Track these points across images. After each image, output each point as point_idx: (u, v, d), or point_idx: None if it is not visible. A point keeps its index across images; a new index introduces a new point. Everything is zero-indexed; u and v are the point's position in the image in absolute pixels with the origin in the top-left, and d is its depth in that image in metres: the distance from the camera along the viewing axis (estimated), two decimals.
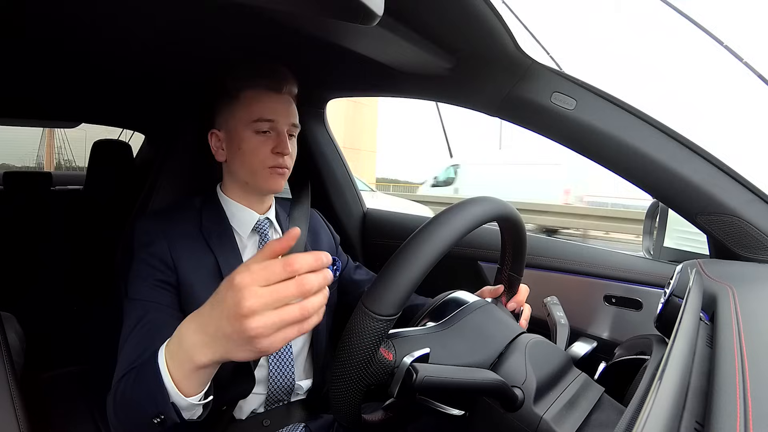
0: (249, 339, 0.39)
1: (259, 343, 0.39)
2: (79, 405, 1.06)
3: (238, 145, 0.72)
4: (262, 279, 0.39)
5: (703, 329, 0.46)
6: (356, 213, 1.38)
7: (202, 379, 0.48)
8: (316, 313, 0.40)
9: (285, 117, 0.73)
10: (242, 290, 0.38)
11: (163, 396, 0.48)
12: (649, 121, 0.74)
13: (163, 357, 0.49)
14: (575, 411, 0.47)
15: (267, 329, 0.38)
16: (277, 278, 0.39)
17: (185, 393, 0.48)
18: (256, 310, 0.38)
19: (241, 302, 0.38)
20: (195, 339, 0.44)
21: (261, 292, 0.38)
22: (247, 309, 0.38)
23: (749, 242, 0.70)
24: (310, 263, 0.39)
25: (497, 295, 0.66)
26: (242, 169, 0.74)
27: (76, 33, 0.80)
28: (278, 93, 0.72)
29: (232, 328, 0.40)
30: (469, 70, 0.83)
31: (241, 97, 0.72)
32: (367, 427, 0.48)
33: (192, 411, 0.51)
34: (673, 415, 0.28)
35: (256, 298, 0.38)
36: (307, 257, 0.39)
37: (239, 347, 0.41)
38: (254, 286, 0.38)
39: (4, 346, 0.57)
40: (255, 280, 0.39)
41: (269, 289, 0.38)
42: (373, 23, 0.38)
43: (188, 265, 0.69)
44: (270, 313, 0.38)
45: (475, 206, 0.47)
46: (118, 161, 1.86)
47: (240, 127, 0.72)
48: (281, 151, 0.72)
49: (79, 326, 1.58)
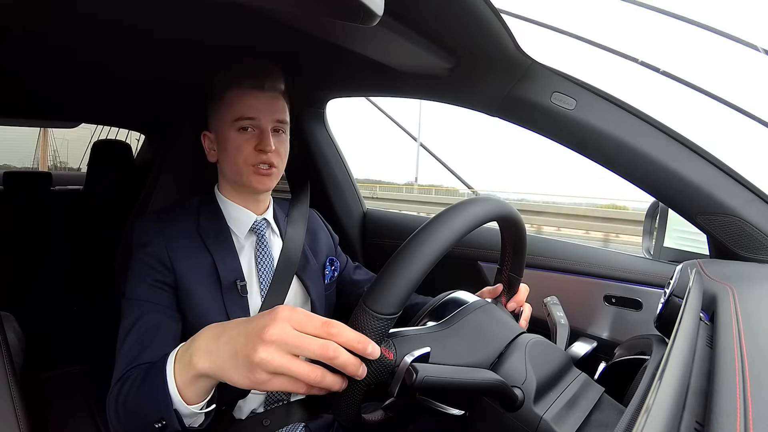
0: (250, 364, 0.39)
1: (257, 374, 0.39)
2: (79, 405, 1.06)
3: (225, 146, 0.73)
4: (299, 323, 0.39)
5: (703, 329, 0.46)
6: (356, 213, 1.38)
7: (203, 388, 0.48)
8: (323, 386, 0.39)
9: (268, 114, 0.72)
10: (276, 320, 0.39)
11: (166, 402, 0.48)
12: (649, 121, 0.74)
13: (173, 361, 0.49)
14: (575, 411, 0.47)
15: (270, 366, 0.38)
16: (311, 331, 0.39)
17: (188, 401, 0.48)
18: (274, 342, 0.38)
19: (268, 327, 0.38)
20: (204, 343, 0.45)
21: (288, 331, 0.38)
22: (268, 336, 0.38)
23: (749, 242, 0.70)
24: (349, 337, 0.38)
25: (497, 295, 0.66)
26: (230, 169, 0.74)
27: (76, 33, 0.80)
28: (260, 90, 0.72)
29: (244, 345, 0.40)
30: (469, 70, 0.83)
31: (225, 97, 0.72)
32: (367, 426, 0.48)
33: (194, 419, 0.51)
34: (673, 415, 0.28)
35: (280, 333, 0.38)
36: (350, 332, 0.39)
37: (238, 367, 0.40)
38: (288, 323, 0.39)
39: (4, 346, 0.57)
40: (293, 319, 0.39)
41: (297, 333, 0.39)
42: (373, 23, 0.38)
43: (185, 265, 0.69)
44: (282, 354, 0.38)
45: (475, 206, 0.47)
46: (118, 161, 1.87)
47: (225, 127, 0.72)
48: (263, 149, 0.71)
49: (79, 326, 1.58)
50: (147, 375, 0.53)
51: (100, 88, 1.26)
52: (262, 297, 0.75)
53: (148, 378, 0.52)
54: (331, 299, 0.88)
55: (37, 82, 1.16)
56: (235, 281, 0.72)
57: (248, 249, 0.77)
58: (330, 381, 0.39)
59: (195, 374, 0.45)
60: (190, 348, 0.46)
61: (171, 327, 0.66)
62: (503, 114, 0.85)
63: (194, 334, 0.49)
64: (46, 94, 1.33)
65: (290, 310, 0.40)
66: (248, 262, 0.76)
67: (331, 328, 0.38)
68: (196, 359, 0.44)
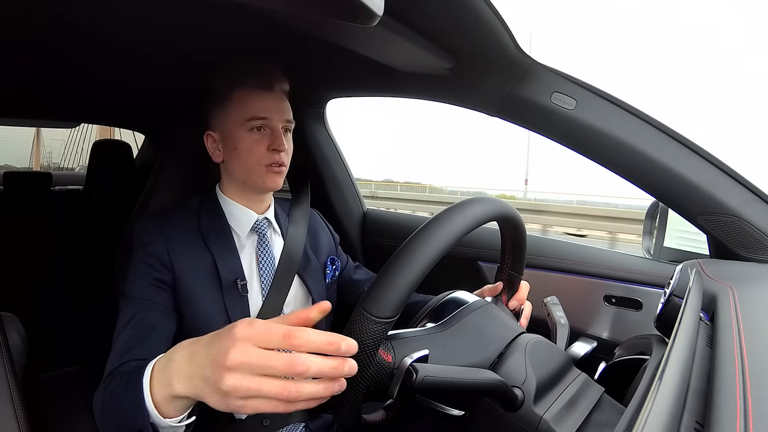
0: (221, 392, 0.37)
1: (231, 401, 0.37)
2: (79, 405, 1.06)
3: (234, 146, 0.72)
4: (259, 339, 0.36)
5: (703, 329, 0.46)
6: (356, 213, 1.38)
7: (182, 406, 0.45)
8: (303, 400, 0.36)
9: (278, 114, 0.73)
10: (235, 342, 0.36)
11: (143, 413, 0.46)
12: (649, 121, 0.74)
13: (149, 374, 0.46)
14: (575, 411, 0.47)
15: (240, 391, 0.36)
16: (274, 345, 0.36)
17: (165, 415, 0.45)
18: (236, 368, 0.36)
19: (227, 353, 0.36)
20: (179, 367, 0.42)
21: (250, 352, 0.36)
22: (230, 362, 0.35)
23: (749, 242, 0.70)
24: (317, 343, 0.35)
25: (497, 293, 0.66)
26: (239, 168, 0.74)
27: (76, 33, 0.80)
28: (269, 91, 0.73)
29: (211, 374, 0.37)
30: (469, 70, 0.83)
31: (233, 97, 0.72)
32: (367, 427, 0.48)
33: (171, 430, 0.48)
34: (673, 415, 0.28)
35: (241, 355, 0.35)
36: (316, 336, 0.36)
37: (212, 394, 0.38)
38: (248, 343, 0.36)
39: (4, 346, 0.57)
40: (252, 337, 0.36)
41: (260, 352, 0.36)
42: (373, 23, 0.38)
43: (186, 265, 0.69)
44: (250, 377, 0.35)
45: (475, 206, 0.47)
46: (118, 161, 1.86)
47: (234, 127, 0.72)
48: (277, 148, 0.72)
49: (79, 326, 1.58)
50: (128, 382, 0.50)
51: (100, 88, 1.26)
52: (263, 296, 0.75)
53: (129, 385, 0.50)
54: (332, 299, 0.88)
55: (38, 82, 1.17)
56: (236, 281, 0.72)
57: (249, 248, 0.77)
58: (310, 391, 0.36)
59: (173, 395, 0.43)
60: (168, 368, 0.44)
61: (167, 326, 0.66)
62: (503, 114, 0.85)
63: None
64: (46, 94, 1.33)
65: (248, 326, 0.37)
66: (249, 261, 0.76)
67: (294, 339, 0.35)
68: (175, 382, 0.42)
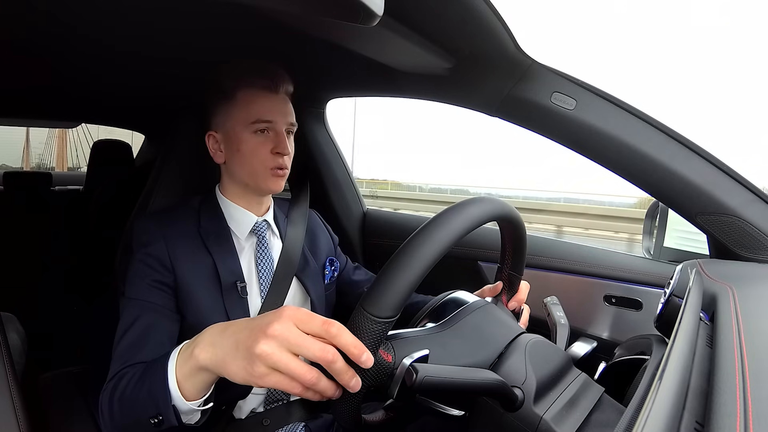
0: (251, 355, 0.39)
1: (255, 366, 0.39)
2: (79, 405, 1.06)
3: (237, 147, 0.72)
4: (301, 322, 0.40)
5: (703, 329, 0.45)
6: (356, 213, 1.38)
7: (202, 382, 0.48)
8: (318, 391, 0.40)
9: (283, 117, 0.73)
10: (281, 317, 0.40)
11: (165, 397, 0.49)
12: (649, 121, 0.74)
13: (176, 357, 0.50)
14: (575, 411, 0.47)
15: (270, 360, 0.39)
16: (312, 330, 0.39)
17: (186, 396, 0.48)
18: (276, 337, 0.39)
19: (271, 323, 0.39)
20: (208, 337, 0.46)
21: (291, 329, 0.39)
22: (271, 330, 0.39)
23: (749, 242, 0.70)
24: (347, 341, 0.38)
25: (497, 293, 0.66)
26: (242, 170, 0.74)
27: (76, 33, 0.80)
28: (275, 93, 0.72)
29: (247, 338, 0.41)
30: (469, 70, 0.83)
31: (238, 98, 0.71)
32: (367, 427, 0.48)
33: (191, 416, 0.51)
34: (673, 415, 0.28)
35: (284, 329, 0.39)
36: (350, 336, 0.39)
37: (237, 359, 0.41)
38: (292, 322, 0.40)
39: (4, 346, 0.57)
40: (296, 318, 0.40)
41: (299, 333, 0.39)
42: (373, 23, 0.38)
43: (186, 266, 0.69)
44: (282, 351, 0.39)
45: (475, 206, 0.47)
46: (118, 161, 1.87)
47: (238, 128, 0.71)
48: (281, 152, 0.72)
49: (79, 326, 1.58)
50: (147, 371, 0.54)
51: (100, 89, 1.26)
52: (262, 298, 0.75)
53: (147, 374, 0.53)
54: (331, 299, 0.88)
55: (38, 82, 1.17)
56: (236, 282, 0.72)
57: (248, 250, 0.77)
58: (324, 385, 0.39)
59: (195, 366, 0.46)
60: (194, 341, 0.47)
61: (168, 328, 0.66)
62: (503, 114, 0.85)
63: (193, 334, 0.49)
64: (46, 94, 1.33)
65: (295, 310, 0.41)
66: (248, 263, 0.76)
67: (331, 327, 0.39)
68: (198, 351, 0.45)
